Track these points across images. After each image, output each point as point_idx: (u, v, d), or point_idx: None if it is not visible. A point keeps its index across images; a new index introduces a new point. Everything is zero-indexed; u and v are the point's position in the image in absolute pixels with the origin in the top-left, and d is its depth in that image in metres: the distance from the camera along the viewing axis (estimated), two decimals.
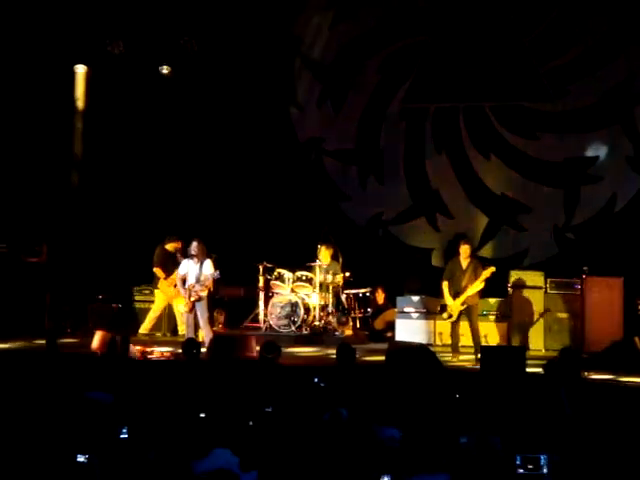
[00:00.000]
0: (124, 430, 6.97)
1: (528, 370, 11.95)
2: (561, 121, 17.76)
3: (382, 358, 13.25)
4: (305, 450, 6.42)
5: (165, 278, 16.14)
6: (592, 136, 17.74)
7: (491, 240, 18.18)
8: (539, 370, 12.30)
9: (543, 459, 6.17)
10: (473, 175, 18.33)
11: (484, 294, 15.41)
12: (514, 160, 18.06)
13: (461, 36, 18.16)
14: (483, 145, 18.26)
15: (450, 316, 14.30)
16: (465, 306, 14.17)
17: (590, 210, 17.61)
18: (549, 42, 17.66)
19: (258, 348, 13.16)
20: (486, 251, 18.12)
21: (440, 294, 14.76)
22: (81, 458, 6.24)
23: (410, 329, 15.93)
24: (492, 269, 14.33)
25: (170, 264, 16.10)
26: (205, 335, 14.62)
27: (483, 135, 18.26)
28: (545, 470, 6.15)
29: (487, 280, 14.36)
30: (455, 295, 14.23)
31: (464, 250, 14.36)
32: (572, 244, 17.56)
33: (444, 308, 14.39)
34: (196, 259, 14.66)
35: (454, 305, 14.21)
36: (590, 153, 17.75)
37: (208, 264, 14.67)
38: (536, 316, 15.51)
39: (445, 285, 14.41)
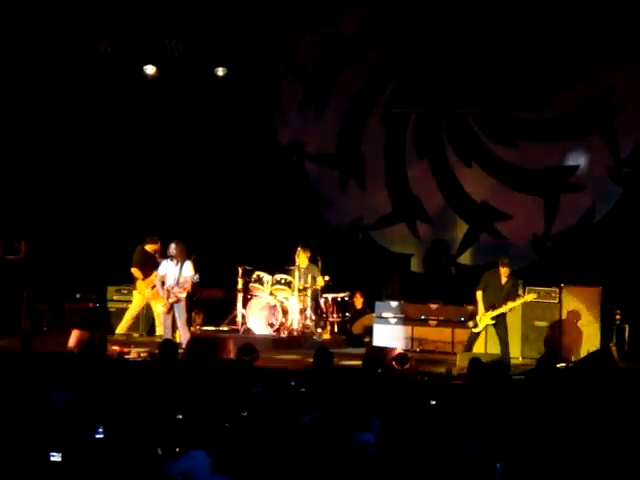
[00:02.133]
0: (100, 430, 6.94)
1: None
2: (542, 130, 17.84)
3: (359, 363, 13.28)
4: (280, 454, 6.42)
5: (143, 279, 16.09)
6: (573, 145, 17.83)
7: (470, 247, 18.24)
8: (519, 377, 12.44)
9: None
10: (454, 182, 18.38)
11: (463, 301, 15.48)
12: (495, 168, 18.13)
13: (444, 43, 18.21)
14: (464, 152, 18.32)
15: (475, 326, 14.05)
16: (494, 322, 13.97)
17: (569, 219, 17.70)
18: (532, 51, 17.73)
19: (236, 350, 13.21)
20: (465, 258, 18.20)
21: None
22: (55, 457, 6.20)
23: (388, 334, 15.91)
24: (534, 295, 14.31)
25: (149, 265, 16.05)
26: (182, 336, 14.60)
27: (464, 142, 18.32)
28: None
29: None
30: (490, 308, 13.88)
31: (503, 272, 13.92)
32: (551, 253, 17.64)
33: (472, 317, 14.15)
34: (176, 260, 14.63)
35: (484, 317, 13.91)
36: (570, 162, 17.84)
37: (188, 266, 14.64)
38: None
39: (479, 295, 14.02)
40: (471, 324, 14.05)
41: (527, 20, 17.74)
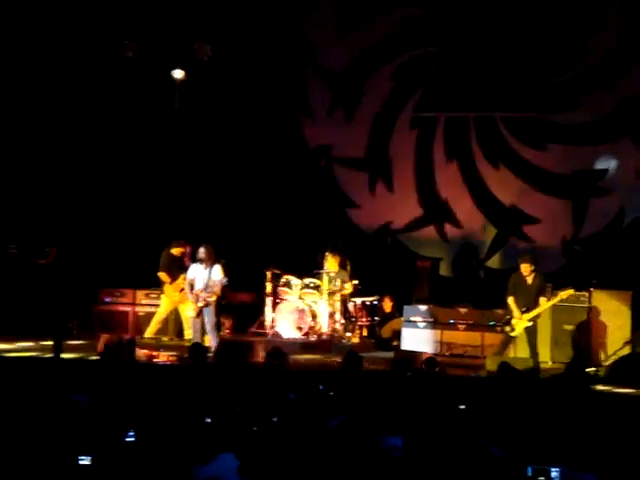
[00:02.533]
0: (131, 433, 6.97)
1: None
2: (571, 133, 17.76)
3: (388, 366, 13.28)
4: (308, 458, 6.42)
5: (170, 283, 16.13)
6: (602, 149, 17.73)
7: (499, 251, 18.19)
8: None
9: (555, 471, 6.15)
10: (482, 185, 18.33)
11: (492, 305, 15.46)
12: (523, 171, 18.07)
13: (473, 47, 18.18)
14: (493, 155, 18.27)
15: (513, 330, 13.96)
16: (532, 323, 13.92)
17: (598, 223, 17.61)
18: (561, 54, 17.67)
19: (264, 354, 13.22)
20: (494, 262, 18.15)
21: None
22: (84, 460, 6.23)
23: (416, 338, 15.87)
24: (570, 291, 14.18)
25: (176, 268, 16.09)
26: (211, 340, 14.63)
27: (493, 145, 18.27)
28: None
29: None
30: (525, 311, 13.86)
31: (524, 268, 13.99)
32: (580, 256, 17.55)
33: (508, 322, 14.02)
34: (205, 264, 14.66)
35: (521, 321, 13.87)
36: (599, 166, 17.75)
37: (217, 270, 14.67)
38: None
39: (512, 300, 14.00)
40: (508, 329, 13.97)
41: (556, 22, 17.67)
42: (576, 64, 17.64)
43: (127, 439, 6.97)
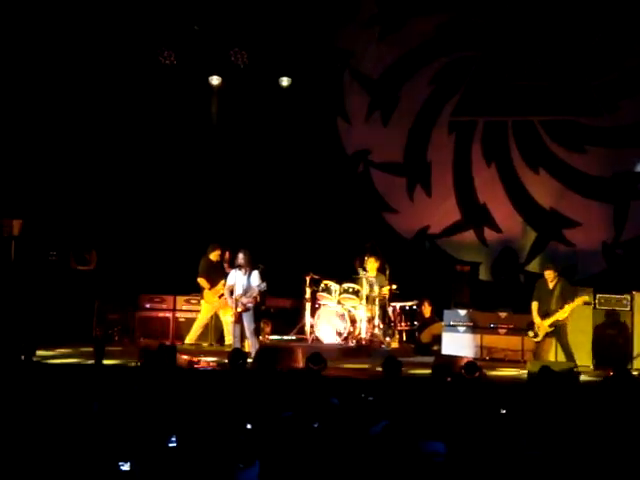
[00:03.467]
0: (173, 438, 7.00)
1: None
2: (611, 136, 17.67)
3: (428, 371, 13.25)
4: (351, 464, 6.41)
5: (210, 288, 16.18)
6: None
7: (539, 254, 18.10)
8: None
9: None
10: (521, 189, 18.26)
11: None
12: (563, 174, 17.99)
13: (511, 50, 18.12)
14: (532, 159, 18.20)
15: (536, 335, 14.13)
16: (553, 328, 14.01)
17: (639, 226, 17.48)
18: (600, 56, 17.59)
19: (304, 359, 13.23)
20: (534, 266, 18.05)
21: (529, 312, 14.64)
22: (124, 466, 6.27)
23: (457, 343, 15.82)
24: (585, 298, 14.24)
25: (215, 274, 16.14)
26: (251, 346, 14.65)
27: (532, 149, 18.20)
28: None
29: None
30: (544, 316, 14.05)
31: (548, 275, 14.23)
32: (621, 260, 17.43)
33: (531, 326, 14.22)
34: (243, 270, 14.70)
35: (542, 325, 14.04)
36: (639, 168, 17.65)
37: (255, 275, 14.70)
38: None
39: (534, 305, 14.22)
40: (531, 334, 14.24)
41: (595, 24, 17.59)
42: (615, 67, 17.55)
43: (169, 444, 7.00)
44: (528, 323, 14.36)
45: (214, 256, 16.35)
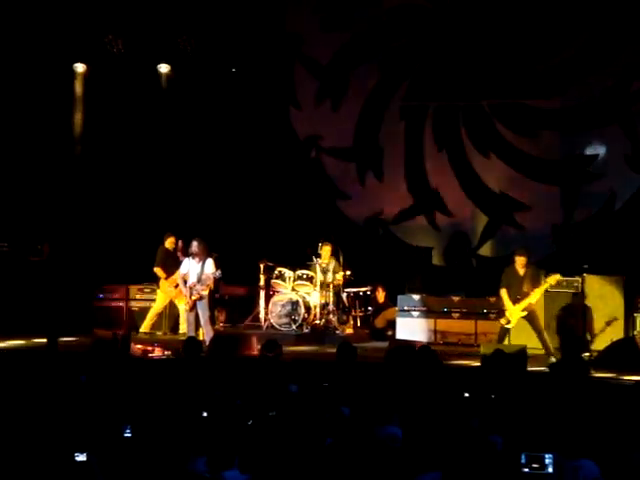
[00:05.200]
0: (128, 429, 6.98)
1: (531, 369, 12.02)
2: (560, 119, 17.78)
3: (383, 356, 13.28)
4: (306, 451, 6.42)
5: (166, 278, 16.15)
6: (591, 134, 17.78)
7: (490, 239, 18.22)
8: (542, 369, 12.42)
9: (548, 458, 6.16)
10: (472, 173, 18.35)
11: (485, 293, 15.48)
12: (513, 158, 18.09)
13: (461, 35, 18.17)
14: (482, 143, 18.29)
15: (508, 322, 13.85)
16: (526, 313, 13.86)
17: (589, 208, 17.63)
18: (548, 40, 17.67)
19: (259, 347, 13.22)
20: (485, 250, 18.18)
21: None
22: (80, 457, 6.24)
23: (411, 327, 15.92)
24: (557, 277, 14.00)
25: (171, 263, 16.12)
26: (206, 334, 14.61)
27: (482, 133, 18.28)
28: (550, 469, 6.14)
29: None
30: (515, 301, 13.81)
31: (519, 261, 13.93)
32: (571, 242, 17.57)
33: (502, 314, 13.97)
34: (197, 258, 14.66)
35: (514, 311, 13.78)
36: (589, 151, 17.78)
37: (209, 263, 14.66)
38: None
39: (504, 292, 13.94)
40: (503, 321, 13.88)
41: (543, 7, 17.67)
42: (564, 49, 17.63)
43: (125, 435, 6.98)
44: (499, 311, 14.18)
45: (169, 244, 16.33)
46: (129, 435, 7.00)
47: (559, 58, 17.69)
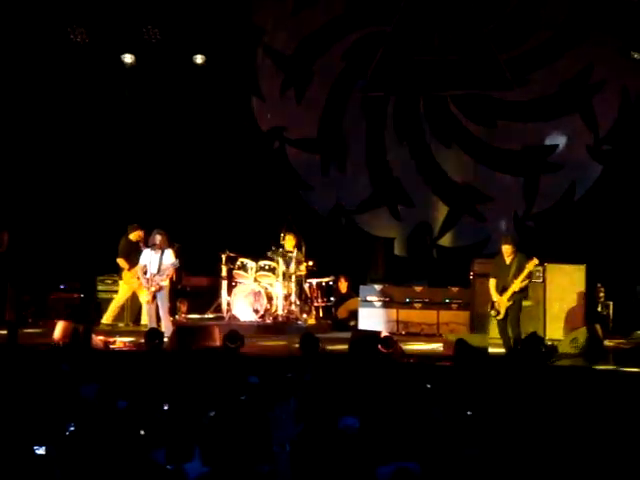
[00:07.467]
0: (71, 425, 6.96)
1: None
2: (521, 110, 17.85)
3: (345, 347, 13.32)
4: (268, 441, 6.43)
5: (129, 269, 16.06)
6: (552, 125, 17.85)
7: (451, 229, 18.27)
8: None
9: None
10: (434, 164, 18.39)
11: (447, 283, 15.55)
12: (474, 149, 18.15)
13: (422, 26, 18.18)
14: (444, 134, 18.32)
15: (498, 313, 13.65)
16: (512, 302, 13.64)
17: (550, 198, 17.74)
18: (509, 31, 17.73)
19: (221, 338, 13.24)
20: (446, 240, 18.23)
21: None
22: (39, 450, 6.22)
23: (373, 318, 15.95)
24: (535, 261, 13.70)
25: (134, 255, 16.01)
26: (164, 326, 14.53)
27: (444, 124, 18.31)
28: None
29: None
30: (502, 291, 13.61)
31: (505, 250, 13.74)
32: (532, 232, 17.67)
33: (493, 305, 13.75)
34: (157, 249, 14.61)
35: (501, 301, 13.60)
36: (550, 141, 17.87)
37: (169, 254, 14.62)
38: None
39: (492, 282, 13.78)
40: (493, 313, 13.68)
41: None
42: (524, 40, 17.69)
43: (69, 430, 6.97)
44: (491, 302, 13.81)
45: (134, 236, 16.21)
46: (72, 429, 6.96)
47: (521, 49, 17.76)
